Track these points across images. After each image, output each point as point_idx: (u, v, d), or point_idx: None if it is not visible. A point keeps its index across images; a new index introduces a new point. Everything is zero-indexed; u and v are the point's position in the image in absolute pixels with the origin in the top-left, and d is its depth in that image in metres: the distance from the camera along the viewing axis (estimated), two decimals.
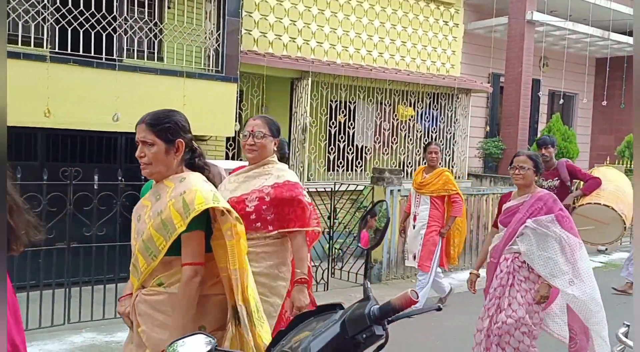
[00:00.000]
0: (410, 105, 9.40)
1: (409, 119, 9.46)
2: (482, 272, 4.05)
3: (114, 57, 6.06)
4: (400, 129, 9.45)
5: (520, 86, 10.80)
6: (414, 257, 5.85)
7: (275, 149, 3.08)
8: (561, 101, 11.77)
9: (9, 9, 5.57)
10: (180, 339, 1.88)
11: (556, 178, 5.43)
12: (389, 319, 1.65)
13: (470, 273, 4.03)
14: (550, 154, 5.44)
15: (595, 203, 5.29)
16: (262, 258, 2.87)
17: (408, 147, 9.58)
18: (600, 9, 11.52)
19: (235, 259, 2.14)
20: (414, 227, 5.87)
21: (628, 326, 3.09)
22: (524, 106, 10.94)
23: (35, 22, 5.63)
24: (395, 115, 9.31)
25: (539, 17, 10.77)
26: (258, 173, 2.97)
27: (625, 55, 13.06)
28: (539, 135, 11.21)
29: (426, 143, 6.29)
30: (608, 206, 5.17)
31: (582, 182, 5.62)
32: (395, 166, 9.20)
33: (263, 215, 2.85)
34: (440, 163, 6.04)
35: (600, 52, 13.22)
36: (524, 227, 3.66)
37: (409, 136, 9.56)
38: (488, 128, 11.92)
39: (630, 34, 12.41)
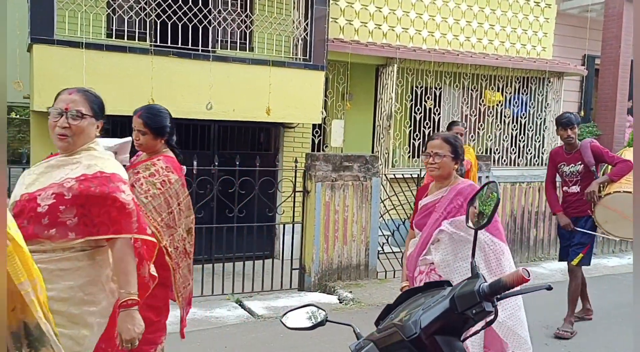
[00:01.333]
0: (498, 90, 9.14)
1: (497, 104, 9.20)
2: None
3: (209, 48, 6.36)
4: (488, 115, 9.21)
5: (618, 68, 10.16)
6: None
7: (98, 133, 2.33)
8: None
9: (116, 5, 5.98)
10: (289, 311, 2.02)
11: (579, 162, 4.75)
12: (498, 296, 1.69)
13: (400, 288, 3.12)
14: (575, 135, 4.76)
15: (625, 191, 4.33)
16: (58, 277, 2.13)
17: (495, 133, 9.33)
18: None
19: (20, 270, 1.52)
20: None
21: None
22: (622, 89, 10.29)
23: (139, 18, 6.01)
24: (483, 101, 9.09)
25: None
26: (63, 162, 2.24)
27: None
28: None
29: (450, 122, 5.83)
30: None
31: (609, 167, 4.77)
32: (482, 152, 9.00)
33: (61, 218, 2.13)
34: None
35: None
36: (438, 231, 2.91)
37: (496, 122, 9.31)
38: (583, 112, 11.33)
39: None
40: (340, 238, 6.09)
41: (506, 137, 9.35)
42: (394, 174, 7.80)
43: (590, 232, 4.73)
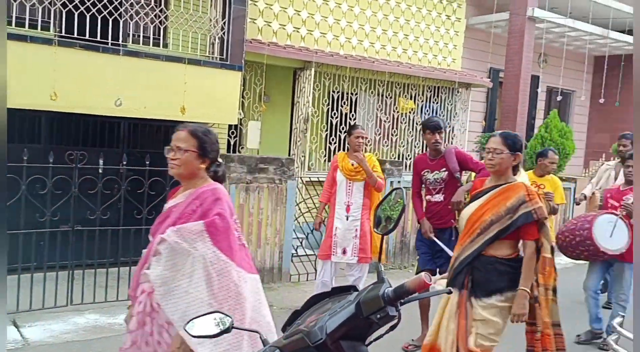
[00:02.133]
0: (411, 98, 9.46)
1: (410, 112, 9.52)
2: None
3: (119, 42, 6.09)
4: (401, 122, 9.52)
5: (519, 82, 10.86)
6: (344, 252, 5.09)
7: None
8: (559, 98, 11.84)
9: None
10: (193, 319, 1.96)
11: (443, 169, 4.54)
12: (402, 300, 1.74)
13: None
14: (442, 140, 4.61)
15: None
16: None
17: (408, 139, 9.66)
18: (600, 7, 11.58)
19: None
20: (347, 219, 5.09)
21: (623, 316, 3.19)
22: (523, 102, 11.00)
23: (43, 6, 5.64)
24: (396, 108, 9.37)
25: (540, 13, 10.82)
26: None
27: (622, 54, 13.13)
28: (536, 131, 11.31)
29: (350, 126, 5.43)
30: None
31: (474, 174, 4.61)
32: (395, 158, 9.28)
33: None
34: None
35: (598, 50, 13.30)
36: (160, 240, 2.37)
37: (409, 129, 9.63)
38: (485, 122, 12.00)
39: (629, 32, 12.49)
40: (254, 241, 6.03)
41: (417, 143, 9.70)
42: (309, 177, 7.85)
43: (448, 250, 4.30)
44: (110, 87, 5.89)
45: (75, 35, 5.72)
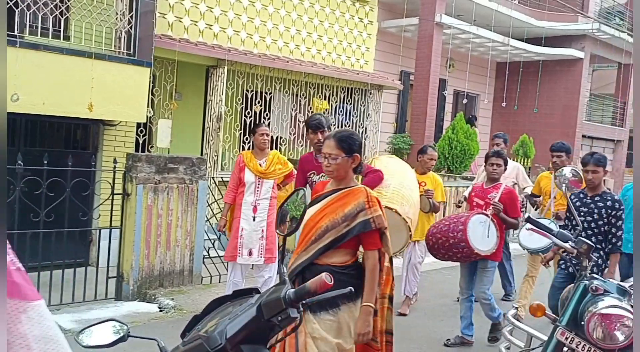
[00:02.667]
0: (325, 99, 9.57)
1: (324, 112, 9.62)
2: None
3: (16, 33, 5.68)
4: None
5: (428, 85, 11.31)
6: (250, 254, 4.99)
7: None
8: (464, 101, 12.47)
9: None
10: (88, 327, 1.86)
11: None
12: (304, 302, 1.74)
13: None
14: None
15: (386, 207, 3.82)
16: None
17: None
18: (501, 15, 12.31)
19: None
20: (254, 220, 4.98)
21: (517, 308, 3.39)
22: (431, 104, 11.47)
23: None
24: (310, 108, 9.44)
25: (447, 20, 11.32)
26: None
27: (521, 61, 14.04)
28: (444, 132, 11.82)
29: (255, 124, 5.21)
30: (391, 209, 3.75)
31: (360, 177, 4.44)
32: None
33: None
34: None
35: (500, 56, 14.13)
36: None
37: None
38: (396, 124, 12.39)
39: (527, 41, 13.37)
40: (163, 243, 5.84)
41: None
42: (222, 177, 7.72)
43: None
44: (6, 81, 5.47)
45: None
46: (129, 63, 6.45)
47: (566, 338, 2.70)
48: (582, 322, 2.64)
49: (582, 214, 4.10)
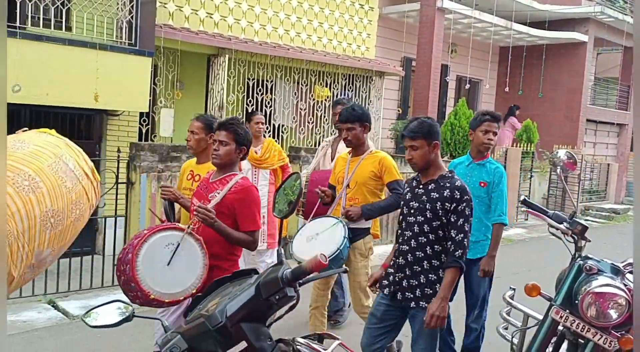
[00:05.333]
0: (326, 86, 9.58)
1: (325, 100, 9.65)
2: None
3: (17, 24, 5.72)
4: (317, 109, 9.62)
5: (430, 71, 11.28)
6: None
7: None
8: (467, 86, 12.44)
9: None
10: (93, 308, 1.93)
11: None
12: (300, 281, 1.80)
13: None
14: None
15: None
16: None
17: (324, 126, 9.79)
18: None
19: None
20: None
21: (514, 289, 3.46)
22: (434, 90, 11.45)
23: None
24: (312, 95, 9.46)
25: (449, 4, 11.26)
26: None
27: (525, 45, 13.96)
28: (446, 118, 11.81)
29: (250, 112, 5.30)
30: None
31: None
32: (311, 145, 9.38)
33: None
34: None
35: (503, 41, 14.05)
36: None
37: (324, 116, 9.76)
38: (400, 110, 12.38)
39: (530, 24, 13.29)
40: None
41: (333, 131, 9.85)
42: None
43: None
44: (7, 72, 5.53)
45: None
46: (130, 53, 6.49)
47: (560, 317, 2.75)
48: (577, 301, 2.70)
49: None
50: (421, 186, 2.94)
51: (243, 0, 8.67)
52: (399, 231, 3.01)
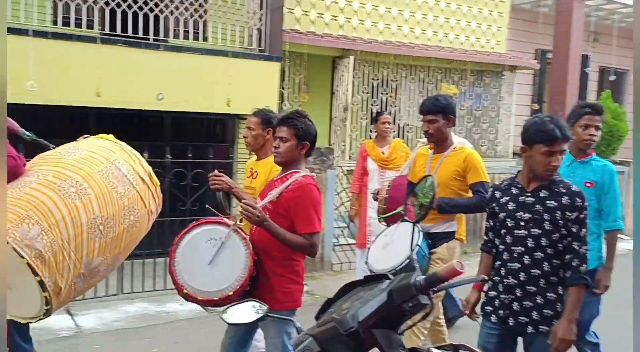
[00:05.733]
0: (453, 83, 9.27)
1: (453, 97, 9.33)
2: None
3: (160, 38, 6.21)
4: None
5: (568, 62, 10.44)
6: None
7: None
8: (612, 77, 11.34)
9: None
10: (229, 306, 1.99)
11: None
12: (434, 289, 1.71)
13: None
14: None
15: None
16: None
17: None
18: None
19: None
20: None
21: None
22: (572, 83, 10.58)
23: (87, 5, 5.80)
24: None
25: None
26: None
27: None
28: None
29: (377, 112, 5.37)
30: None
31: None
32: None
33: None
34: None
35: None
36: None
37: None
38: (537, 106, 11.61)
39: None
40: None
41: (461, 129, 9.50)
42: (350, 166, 7.81)
43: None
44: (152, 82, 6.03)
45: (118, 33, 5.88)
46: (260, 59, 6.76)
47: None
48: None
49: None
50: (528, 193, 2.54)
51: (368, 1, 8.65)
52: (501, 247, 2.59)
